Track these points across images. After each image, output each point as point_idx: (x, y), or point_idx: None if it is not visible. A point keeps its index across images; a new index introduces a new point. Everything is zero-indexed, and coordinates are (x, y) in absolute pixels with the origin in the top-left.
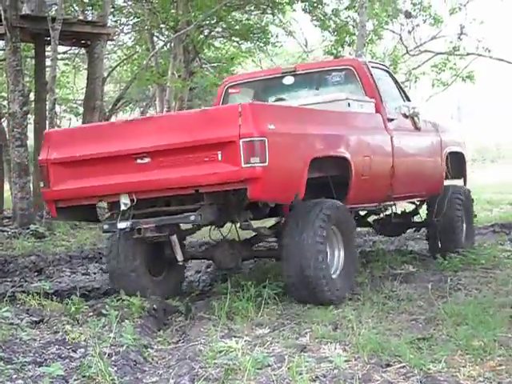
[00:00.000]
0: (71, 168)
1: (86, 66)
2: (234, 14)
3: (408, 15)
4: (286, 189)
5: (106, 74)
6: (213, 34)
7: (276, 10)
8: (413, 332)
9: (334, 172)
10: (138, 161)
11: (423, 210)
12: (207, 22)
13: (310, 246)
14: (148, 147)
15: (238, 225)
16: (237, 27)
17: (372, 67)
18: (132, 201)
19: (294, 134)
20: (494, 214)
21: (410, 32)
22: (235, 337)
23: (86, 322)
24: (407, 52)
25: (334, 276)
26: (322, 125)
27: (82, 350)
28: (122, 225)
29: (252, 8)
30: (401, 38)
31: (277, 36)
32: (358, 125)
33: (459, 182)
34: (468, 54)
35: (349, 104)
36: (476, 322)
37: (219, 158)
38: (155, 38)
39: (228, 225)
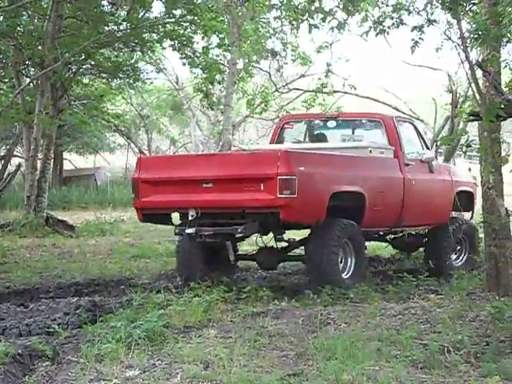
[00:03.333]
0: (155, 186)
1: None
2: (102, 51)
3: (274, 54)
4: (309, 215)
5: None
6: (81, 70)
7: (145, 48)
8: (284, 368)
9: (353, 202)
10: (204, 185)
11: None
12: (75, 59)
13: (327, 252)
14: (212, 175)
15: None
16: (106, 64)
17: (398, 121)
18: (197, 213)
19: (318, 174)
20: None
21: (278, 70)
22: (104, 380)
23: None
24: (277, 90)
25: (344, 276)
26: (341, 167)
27: None
28: (189, 230)
29: (121, 45)
30: (270, 76)
31: (147, 73)
32: (374, 167)
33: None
34: (335, 92)
35: (370, 151)
36: (345, 356)
37: (261, 188)
38: (21, 75)
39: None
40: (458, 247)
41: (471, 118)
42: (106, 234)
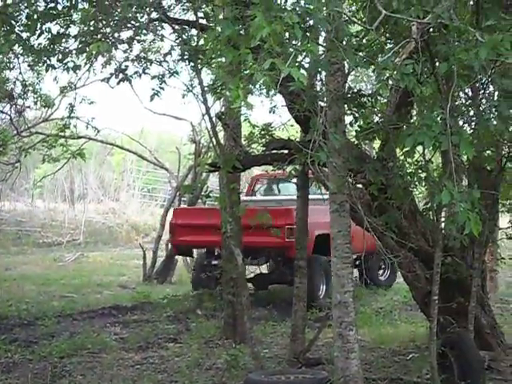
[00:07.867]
0: (187, 229)
1: None
2: None
3: (11, 98)
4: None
5: None
6: None
7: None
8: None
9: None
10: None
11: None
12: None
13: (314, 280)
14: None
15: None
16: None
17: None
18: (219, 250)
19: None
20: (103, 297)
21: (19, 113)
22: None
23: None
24: (18, 133)
25: (319, 295)
26: (320, 215)
27: None
28: (214, 262)
29: None
30: (11, 119)
31: None
32: None
33: None
34: (79, 138)
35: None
36: None
37: (273, 233)
38: None
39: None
40: None
41: (211, 168)
42: None
